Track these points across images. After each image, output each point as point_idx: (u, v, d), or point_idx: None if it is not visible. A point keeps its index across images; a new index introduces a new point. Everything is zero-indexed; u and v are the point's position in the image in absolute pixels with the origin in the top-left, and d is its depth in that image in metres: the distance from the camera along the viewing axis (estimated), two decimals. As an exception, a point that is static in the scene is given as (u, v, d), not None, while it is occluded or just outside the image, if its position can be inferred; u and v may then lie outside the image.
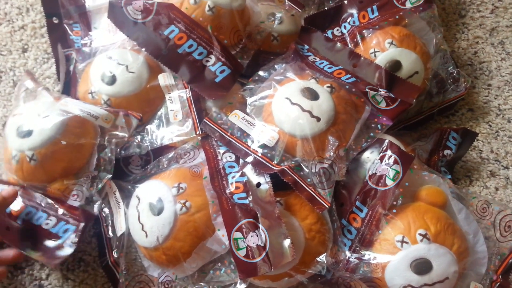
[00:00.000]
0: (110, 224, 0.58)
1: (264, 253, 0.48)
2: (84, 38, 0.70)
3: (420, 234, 0.51)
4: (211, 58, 0.61)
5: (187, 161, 0.57)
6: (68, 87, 0.66)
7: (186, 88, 0.61)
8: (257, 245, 0.48)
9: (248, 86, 0.62)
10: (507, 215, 0.56)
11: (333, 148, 0.55)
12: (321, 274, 0.53)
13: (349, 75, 0.62)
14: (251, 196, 0.51)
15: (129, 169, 0.61)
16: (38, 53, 0.75)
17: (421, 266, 0.50)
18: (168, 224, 0.52)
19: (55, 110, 0.57)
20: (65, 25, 0.72)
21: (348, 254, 0.54)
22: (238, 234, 0.49)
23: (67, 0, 0.72)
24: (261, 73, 0.64)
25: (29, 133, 0.55)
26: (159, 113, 0.63)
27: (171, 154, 0.59)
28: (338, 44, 0.65)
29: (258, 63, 0.67)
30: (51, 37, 0.72)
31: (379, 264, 0.52)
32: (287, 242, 0.49)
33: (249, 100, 0.60)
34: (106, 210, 0.58)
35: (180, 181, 0.54)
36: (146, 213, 0.54)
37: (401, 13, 0.66)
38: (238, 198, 0.51)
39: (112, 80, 0.61)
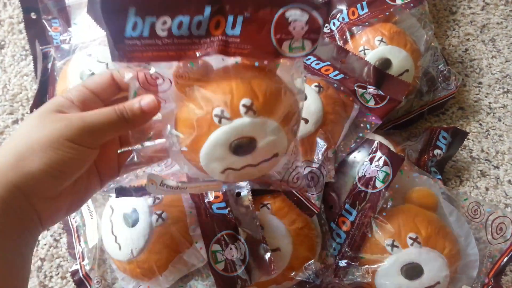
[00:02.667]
0: (82, 234, 0.55)
1: (243, 267, 0.46)
2: (63, 34, 0.67)
3: (410, 238, 0.50)
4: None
5: (164, 168, 0.55)
6: (46, 85, 0.63)
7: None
8: (236, 258, 0.46)
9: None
10: (499, 216, 0.55)
11: (322, 150, 0.53)
12: (309, 280, 0.52)
13: (337, 72, 0.61)
14: (230, 206, 0.49)
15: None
16: (15, 49, 0.72)
17: (412, 271, 0.49)
18: (143, 237, 0.50)
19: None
20: (43, 21, 0.69)
21: (337, 258, 0.53)
22: (216, 247, 0.47)
23: (46, -6, 0.69)
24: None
25: None
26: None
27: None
28: (326, 39, 0.63)
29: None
30: (29, 33, 0.69)
31: (369, 268, 0.51)
32: (267, 256, 0.47)
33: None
34: (77, 219, 0.56)
35: (156, 191, 0.52)
36: (119, 225, 0.51)
37: (391, 10, 0.64)
38: (217, 208, 0.49)
39: (92, 79, 0.58)
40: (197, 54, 0.36)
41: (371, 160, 0.54)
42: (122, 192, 0.44)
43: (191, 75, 0.37)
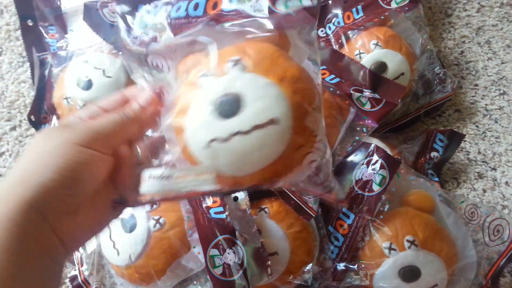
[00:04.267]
0: None
1: (241, 271, 0.46)
2: (60, 41, 0.67)
3: (408, 241, 0.50)
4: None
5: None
6: (43, 92, 0.63)
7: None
8: (234, 262, 0.46)
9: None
10: (496, 218, 0.55)
11: (318, 154, 0.53)
12: (307, 284, 0.52)
13: (333, 75, 0.61)
14: (228, 211, 0.49)
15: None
16: (12, 56, 0.72)
17: (410, 274, 0.49)
18: (141, 242, 0.50)
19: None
20: (40, 28, 0.69)
21: (335, 262, 0.53)
22: (214, 251, 0.47)
23: (42, 1, 0.69)
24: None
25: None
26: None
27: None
28: (321, 43, 0.64)
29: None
30: (26, 40, 0.69)
31: (367, 272, 0.51)
32: (266, 263, 0.48)
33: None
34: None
35: (153, 196, 0.52)
36: (117, 230, 0.51)
37: (386, 14, 0.64)
38: (215, 213, 0.49)
39: (88, 85, 0.58)
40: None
41: (368, 164, 0.54)
42: None
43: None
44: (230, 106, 0.32)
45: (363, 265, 0.52)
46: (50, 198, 0.30)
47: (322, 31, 0.68)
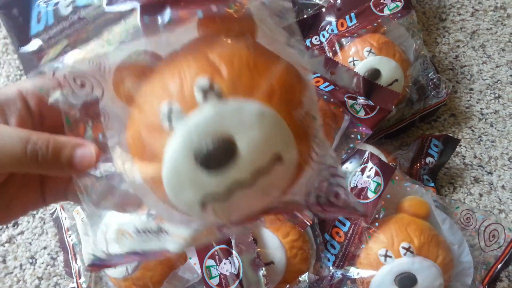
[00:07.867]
0: (78, 252, 0.56)
1: (237, 281, 0.46)
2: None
3: (403, 248, 0.50)
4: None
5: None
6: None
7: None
8: (230, 272, 0.47)
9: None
10: (491, 223, 0.55)
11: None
12: (303, 292, 0.52)
13: (327, 83, 0.61)
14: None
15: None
16: (10, 69, 0.72)
17: (406, 281, 0.49)
18: None
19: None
20: (36, 41, 0.70)
21: (332, 270, 0.53)
22: (210, 262, 0.47)
23: (39, 14, 0.70)
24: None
25: None
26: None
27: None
28: (315, 51, 0.64)
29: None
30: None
31: (363, 279, 0.51)
32: (261, 270, 0.48)
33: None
34: (73, 237, 0.56)
35: (150, 207, 0.52)
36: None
37: (379, 20, 0.65)
38: None
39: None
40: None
41: (362, 171, 0.55)
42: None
43: (132, 68, 0.25)
44: (219, 156, 0.23)
45: (359, 273, 0.52)
46: None
47: (316, 38, 0.68)
